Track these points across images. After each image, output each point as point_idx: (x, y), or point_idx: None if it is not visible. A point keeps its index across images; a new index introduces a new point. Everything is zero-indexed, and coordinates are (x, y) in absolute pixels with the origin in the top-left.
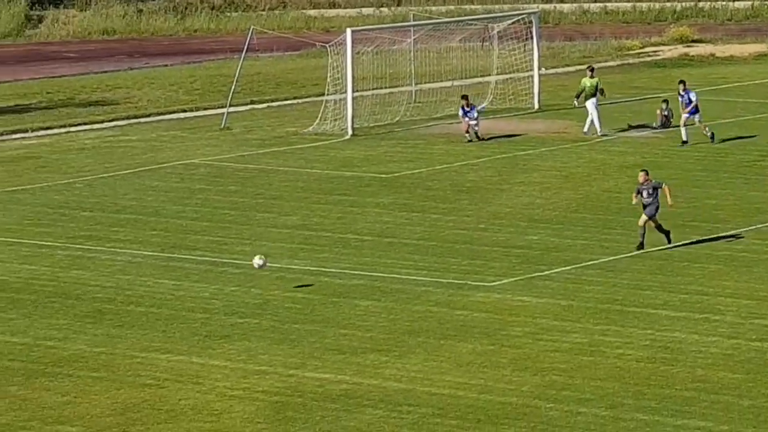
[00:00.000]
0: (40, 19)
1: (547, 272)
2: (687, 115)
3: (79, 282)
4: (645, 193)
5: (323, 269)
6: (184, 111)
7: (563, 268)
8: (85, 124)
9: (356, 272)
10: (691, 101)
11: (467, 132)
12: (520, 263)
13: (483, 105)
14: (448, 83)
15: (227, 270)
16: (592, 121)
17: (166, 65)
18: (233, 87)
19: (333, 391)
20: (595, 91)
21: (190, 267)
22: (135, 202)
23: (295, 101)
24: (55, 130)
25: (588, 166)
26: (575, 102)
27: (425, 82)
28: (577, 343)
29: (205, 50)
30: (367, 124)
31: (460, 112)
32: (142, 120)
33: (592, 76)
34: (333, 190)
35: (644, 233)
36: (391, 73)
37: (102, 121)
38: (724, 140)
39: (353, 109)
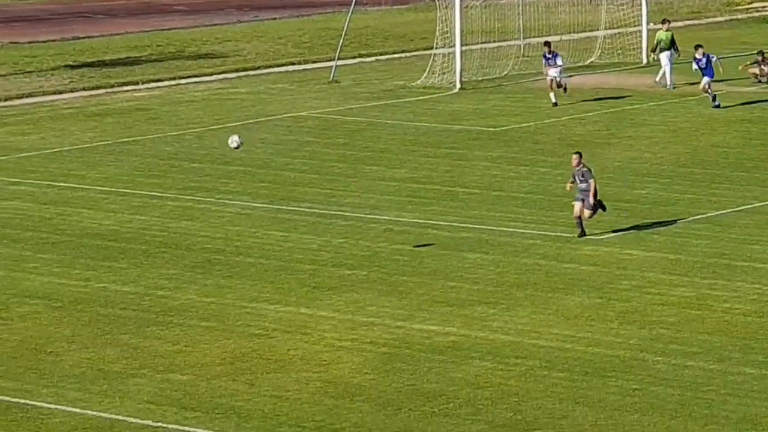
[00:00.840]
0: None
1: (654, 226)
2: (709, 77)
3: (189, 233)
4: (578, 178)
5: (431, 222)
6: (293, 64)
7: (671, 222)
8: (194, 76)
9: (464, 225)
10: (709, 63)
11: (551, 88)
12: (628, 217)
13: (591, 59)
14: (557, 37)
15: (335, 222)
16: (664, 72)
17: (275, 18)
18: (342, 40)
19: (440, 342)
20: (670, 45)
21: (298, 219)
22: (244, 154)
23: (403, 55)
24: (166, 83)
25: (696, 121)
26: (652, 55)
27: (533, 36)
28: (685, 297)
29: (314, 3)
30: (476, 78)
31: (543, 61)
32: (251, 73)
33: (667, 29)
34: (441, 144)
35: (581, 222)
36: (499, 26)
37: (211, 74)
38: None
39: (462, 62)
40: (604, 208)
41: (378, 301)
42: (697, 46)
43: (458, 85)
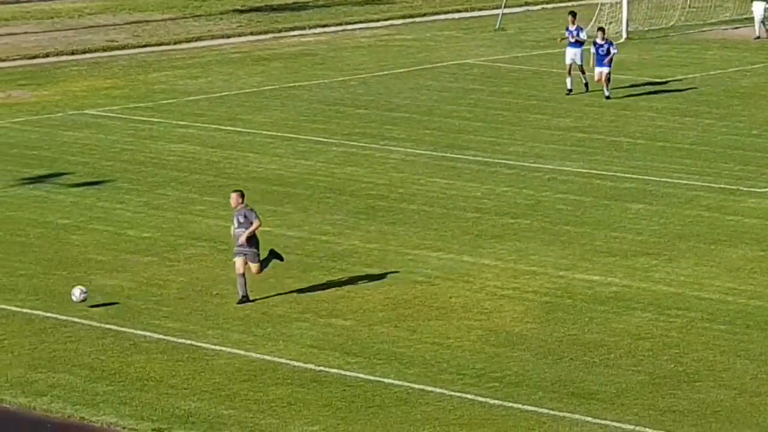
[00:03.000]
0: None
1: None
2: (606, 67)
3: (352, 178)
4: (237, 221)
5: (595, 171)
6: (459, 11)
7: None
8: (361, 22)
9: (628, 175)
10: (610, 52)
11: (569, 72)
12: None
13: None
14: None
15: (499, 170)
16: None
17: None
18: None
19: (602, 293)
20: None
21: (462, 166)
22: (409, 101)
23: (569, 3)
24: (332, 28)
25: None
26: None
27: None
28: None
29: None
30: (642, 28)
31: (566, 33)
32: (417, 20)
33: None
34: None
35: (245, 282)
36: None
37: (377, 20)
38: None
39: (628, 12)
40: (280, 258)
41: (541, 250)
42: (599, 29)
43: (624, 35)
